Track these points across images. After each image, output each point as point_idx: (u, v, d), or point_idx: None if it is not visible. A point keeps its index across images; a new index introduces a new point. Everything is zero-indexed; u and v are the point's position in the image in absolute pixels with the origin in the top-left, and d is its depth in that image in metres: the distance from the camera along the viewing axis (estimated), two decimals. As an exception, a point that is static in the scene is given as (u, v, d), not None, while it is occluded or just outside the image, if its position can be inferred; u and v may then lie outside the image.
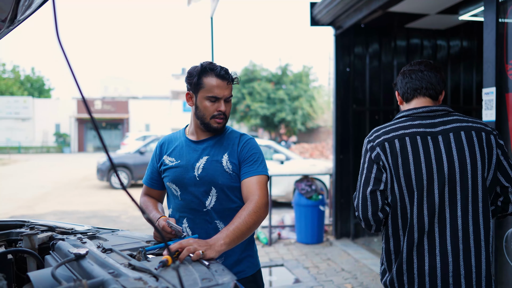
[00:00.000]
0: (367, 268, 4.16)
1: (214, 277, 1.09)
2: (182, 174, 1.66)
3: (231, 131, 1.72)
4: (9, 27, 1.48)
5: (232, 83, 1.65)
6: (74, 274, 1.22)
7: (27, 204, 8.78)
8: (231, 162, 1.63)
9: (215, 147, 1.66)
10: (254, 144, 1.69)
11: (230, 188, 1.63)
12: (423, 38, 5.58)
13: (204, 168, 1.62)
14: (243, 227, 1.47)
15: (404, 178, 1.47)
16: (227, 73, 1.62)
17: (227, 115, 1.65)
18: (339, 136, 5.31)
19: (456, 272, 1.43)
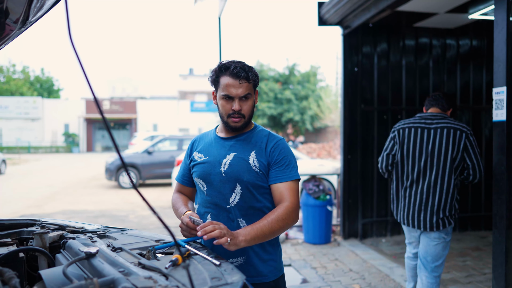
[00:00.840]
0: (375, 269, 4.13)
1: (224, 276, 1.10)
2: (209, 170, 1.67)
3: (260, 130, 1.71)
4: (20, 28, 1.50)
5: (248, 82, 1.61)
6: (85, 272, 1.24)
7: (37, 203, 8.88)
8: (258, 161, 1.61)
9: (242, 144, 1.66)
10: (285, 146, 1.66)
11: (255, 186, 1.61)
12: (432, 37, 5.54)
13: (231, 164, 1.62)
14: (267, 230, 1.49)
15: (405, 150, 2.82)
16: (241, 71, 1.59)
17: (244, 114, 1.62)
18: (347, 136, 5.28)
19: (426, 203, 2.72)
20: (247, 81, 1.60)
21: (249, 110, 1.64)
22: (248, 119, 1.65)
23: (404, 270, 4.05)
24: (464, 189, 5.60)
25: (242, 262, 1.62)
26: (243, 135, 1.68)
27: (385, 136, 5.37)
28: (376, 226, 5.38)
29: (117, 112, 32.27)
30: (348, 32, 5.20)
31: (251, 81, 1.61)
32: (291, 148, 1.70)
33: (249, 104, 1.63)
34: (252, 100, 1.64)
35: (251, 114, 1.65)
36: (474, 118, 5.66)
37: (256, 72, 1.66)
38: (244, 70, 1.60)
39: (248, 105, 1.62)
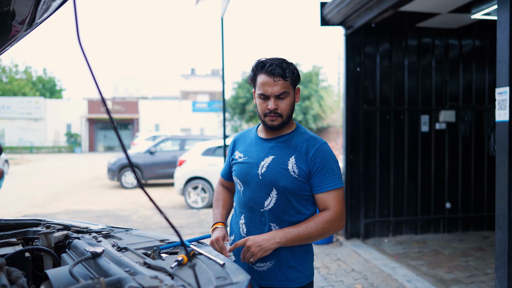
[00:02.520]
0: (378, 269, 4.14)
1: (229, 275, 1.11)
2: (246, 170, 1.64)
3: (302, 132, 1.64)
4: (27, 30, 1.51)
5: (284, 79, 1.54)
6: (91, 272, 1.25)
7: (41, 203, 8.92)
8: (297, 166, 1.55)
9: (283, 147, 1.60)
10: (327, 152, 1.58)
11: (292, 193, 1.56)
12: (435, 37, 5.53)
13: (268, 168, 1.58)
14: (304, 235, 1.49)
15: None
16: (276, 68, 1.53)
17: (281, 113, 1.57)
18: (350, 136, 5.29)
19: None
20: (283, 78, 1.54)
21: (287, 109, 1.58)
22: (286, 118, 1.59)
23: (407, 270, 4.05)
24: (467, 189, 5.59)
25: (270, 266, 1.59)
26: (283, 137, 1.62)
27: (388, 136, 5.38)
28: (378, 226, 5.38)
29: (119, 112, 32.33)
30: (351, 32, 5.20)
31: (287, 79, 1.55)
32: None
33: (287, 103, 1.57)
34: (290, 99, 1.58)
35: (290, 113, 1.59)
36: (476, 118, 5.65)
37: (296, 69, 1.59)
38: (281, 67, 1.54)
39: (285, 103, 1.56)
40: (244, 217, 1.66)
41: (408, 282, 3.73)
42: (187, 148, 11.77)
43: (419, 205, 5.49)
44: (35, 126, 31.71)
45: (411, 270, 4.07)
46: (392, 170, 5.42)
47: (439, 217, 5.52)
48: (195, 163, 8.52)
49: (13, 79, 33.16)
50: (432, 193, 5.52)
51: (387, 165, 5.41)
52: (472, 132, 5.64)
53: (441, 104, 5.54)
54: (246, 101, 24.79)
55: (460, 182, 5.58)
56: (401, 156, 5.45)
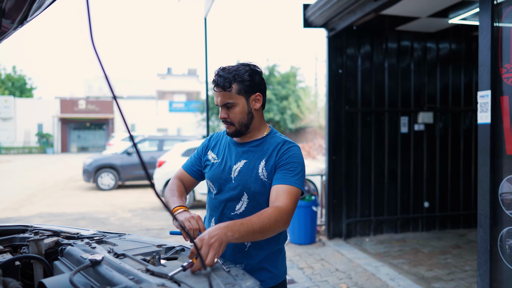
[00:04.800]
0: (361, 268, 4.20)
1: (236, 281, 1.09)
2: (219, 174, 1.63)
3: (274, 136, 1.63)
4: (16, 27, 1.45)
5: (224, 90, 1.52)
6: (91, 280, 1.20)
7: (12, 206, 8.59)
8: (266, 170, 1.55)
9: (255, 151, 1.60)
10: (296, 153, 1.56)
11: (263, 196, 1.56)
12: (414, 40, 5.67)
13: (240, 172, 1.58)
14: (257, 226, 1.35)
15: None
16: (217, 79, 1.54)
17: (233, 121, 1.57)
18: (332, 137, 5.34)
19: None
20: (223, 89, 1.53)
21: (237, 118, 1.56)
22: (240, 126, 1.58)
23: (390, 269, 4.13)
24: (444, 189, 5.76)
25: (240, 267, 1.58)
26: (256, 141, 1.63)
27: (369, 137, 5.47)
28: (360, 226, 5.47)
29: (93, 112, 31.57)
30: (333, 34, 5.26)
31: (229, 89, 1.52)
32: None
33: (235, 112, 1.55)
34: (239, 107, 1.55)
35: (243, 121, 1.57)
36: (453, 119, 5.83)
37: (251, 75, 1.55)
38: (222, 78, 1.53)
39: (233, 113, 1.55)
40: (214, 220, 1.65)
41: (391, 281, 3.80)
42: (165, 149, 11.61)
43: (399, 204, 5.61)
44: (4, 126, 30.53)
45: (393, 269, 4.15)
46: (373, 171, 5.51)
47: (418, 216, 5.66)
48: (175, 164, 8.41)
49: (-19, 77, 31.83)
50: (411, 193, 5.65)
51: (368, 166, 5.50)
52: (448, 133, 5.81)
53: (419, 105, 5.69)
54: (224, 101, 24.67)
55: (438, 182, 5.74)
56: (382, 156, 5.55)
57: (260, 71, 1.62)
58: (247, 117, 1.58)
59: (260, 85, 1.60)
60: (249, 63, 1.61)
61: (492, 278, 2.67)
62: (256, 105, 1.59)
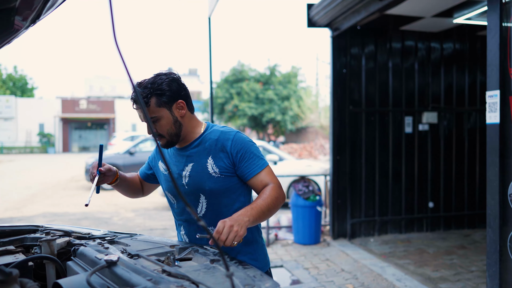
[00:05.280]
0: (367, 268, 4.19)
1: (255, 282, 1.08)
2: (172, 183, 1.63)
3: (212, 131, 1.62)
4: (28, 26, 1.44)
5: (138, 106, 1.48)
6: (107, 281, 1.19)
7: (15, 206, 8.59)
8: (217, 165, 1.55)
9: (198, 151, 1.59)
10: (243, 139, 1.58)
11: (220, 192, 1.57)
12: (418, 40, 5.66)
13: (190, 176, 1.58)
14: (265, 208, 1.46)
15: None
16: (134, 95, 1.49)
17: (162, 134, 1.55)
18: (336, 137, 5.33)
19: None
20: (139, 105, 1.48)
21: (165, 130, 1.54)
22: (171, 137, 1.57)
23: (396, 270, 4.12)
24: (448, 189, 5.75)
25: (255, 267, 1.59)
26: (196, 142, 1.61)
27: (373, 137, 5.46)
28: (364, 226, 5.46)
29: (94, 112, 31.59)
30: (337, 34, 5.25)
31: (147, 104, 1.50)
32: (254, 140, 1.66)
33: (162, 124, 1.53)
34: (164, 120, 1.53)
35: (173, 131, 1.56)
36: (457, 120, 5.82)
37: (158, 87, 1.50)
38: (133, 97, 1.50)
39: (160, 126, 1.54)
40: (183, 227, 1.68)
41: (398, 281, 3.79)
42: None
43: (403, 204, 5.60)
44: (5, 126, 30.55)
45: (399, 269, 4.13)
46: (377, 171, 5.50)
47: (423, 216, 5.65)
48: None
49: (-18, 76, 31.85)
50: (416, 193, 5.64)
51: (372, 166, 5.49)
52: (453, 133, 5.80)
53: (424, 105, 5.67)
54: (225, 101, 24.69)
55: (442, 182, 5.73)
56: (386, 156, 5.54)
57: (177, 77, 1.58)
58: (175, 126, 1.56)
59: (180, 92, 1.56)
60: (164, 72, 1.58)
61: (502, 279, 2.66)
62: (181, 113, 1.56)
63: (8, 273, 1.01)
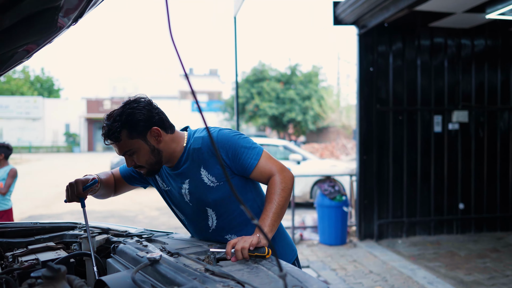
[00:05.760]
0: (397, 271, 4.10)
1: (302, 283, 1.05)
2: (176, 201, 1.59)
3: (194, 141, 1.52)
4: (69, 26, 1.45)
5: (116, 141, 1.42)
6: (149, 279, 1.19)
7: (44, 203, 8.83)
8: (212, 174, 1.48)
9: (189, 167, 1.51)
10: (226, 136, 1.48)
11: (224, 200, 1.50)
12: (447, 37, 5.50)
13: (191, 193, 1.52)
14: (278, 209, 1.42)
15: None
16: (104, 131, 1.43)
17: (141, 164, 1.47)
18: (363, 137, 5.24)
19: None
20: (114, 141, 1.42)
21: (144, 160, 1.46)
22: (151, 166, 1.48)
23: (427, 272, 4.01)
24: (480, 190, 5.57)
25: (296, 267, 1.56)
26: (182, 158, 1.52)
27: (401, 137, 5.35)
28: (392, 227, 5.35)
29: (118, 112, 32.16)
30: (364, 32, 5.16)
31: (119, 139, 1.41)
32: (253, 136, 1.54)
33: (139, 156, 1.45)
34: (140, 151, 1.44)
35: (151, 160, 1.47)
36: (489, 118, 5.63)
37: (126, 119, 1.40)
38: (106, 128, 1.42)
39: (137, 157, 1.45)
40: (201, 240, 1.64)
41: (430, 285, 3.69)
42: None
43: (432, 205, 5.46)
44: (33, 126, 31.51)
45: (430, 272, 4.03)
46: (405, 171, 5.38)
47: (452, 218, 5.49)
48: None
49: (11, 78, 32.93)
50: (445, 194, 5.49)
51: (400, 166, 5.37)
52: (484, 133, 5.61)
53: (453, 104, 5.51)
54: (246, 101, 24.72)
55: (473, 183, 5.55)
56: (414, 156, 5.41)
57: (144, 102, 1.46)
58: (153, 155, 1.46)
59: (152, 118, 1.44)
60: (132, 99, 1.47)
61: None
62: (158, 140, 1.46)
63: (57, 270, 1.01)
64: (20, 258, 1.44)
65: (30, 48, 1.37)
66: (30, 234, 1.67)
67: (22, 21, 1.16)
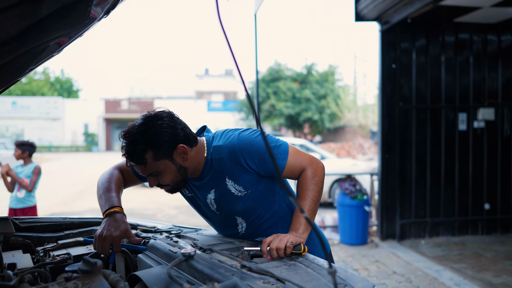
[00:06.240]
0: (421, 272, 3.99)
1: (346, 281, 1.01)
2: (200, 209, 1.53)
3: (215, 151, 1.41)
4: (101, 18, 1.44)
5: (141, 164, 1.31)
6: (184, 274, 1.16)
7: (64, 201, 8.96)
8: (239, 184, 1.40)
9: (213, 177, 1.42)
10: (248, 143, 1.37)
11: (254, 207, 1.44)
12: (473, 32, 5.35)
13: (217, 203, 1.45)
14: (312, 204, 1.38)
15: None
16: (126, 153, 1.31)
17: (165, 183, 1.38)
18: (385, 135, 5.14)
19: None
20: (138, 164, 1.31)
21: (169, 180, 1.37)
22: (177, 184, 1.39)
23: (453, 274, 3.90)
24: (506, 190, 5.40)
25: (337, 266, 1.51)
26: (206, 168, 1.42)
27: (424, 135, 5.22)
28: (414, 227, 5.23)
29: (135, 112, 32.53)
30: (387, 28, 5.06)
31: (143, 163, 1.30)
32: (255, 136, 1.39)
33: (164, 177, 1.35)
34: (166, 171, 1.34)
35: (177, 179, 1.38)
36: (516, 116, 5.45)
37: (151, 139, 1.28)
38: (129, 151, 1.30)
39: (162, 178, 1.36)
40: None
41: (457, 286, 3.58)
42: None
43: (457, 205, 5.32)
44: (53, 126, 32.15)
45: (456, 273, 3.91)
46: (428, 170, 5.26)
47: (478, 219, 5.34)
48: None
49: (32, 79, 33.69)
50: (470, 194, 5.34)
51: (423, 164, 5.25)
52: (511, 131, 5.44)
53: (479, 101, 5.36)
54: (262, 100, 24.67)
55: (500, 182, 5.39)
56: (438, 155, 5.28)
57: (168, 118, 1.35)
58: (180, 174, 1.37)
59: (178, 135, 1.33)
60: (151, 115, 1.35)
61: None
62: (184, 157, 1.36)
63: (94, 264, 0.99)
64: (52, 252, 1.43)
65: (62, 41, 1.36)
66: (60, 229, 1.67)
67: (56, 11, 1.14)
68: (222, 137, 1.43)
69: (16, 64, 1.31)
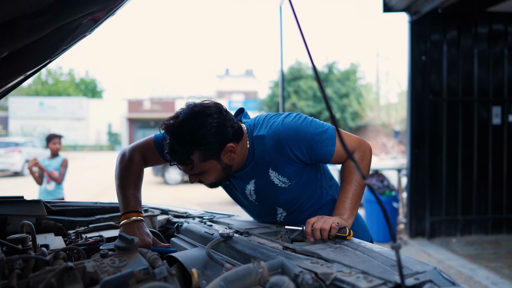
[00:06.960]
0: (455, 270, 3.83)
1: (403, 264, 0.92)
2: (238, 197, 1.45)
3: (254, 140, 1.31)
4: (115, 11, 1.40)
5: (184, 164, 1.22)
6: (221, 256, 1.11)
7: (90, 198, 9.11)
8: (283, 175, 1.32)
9: (254, 167, 1.32)
10: (294, 131, 1.26)
11: (296, 197, 1.37)
12: (508, 23, 5.12)
13: (257, 193, 1.36)
14: (358, 189, 1.31)
15: None
16: (170, 153, 1.21)
17: (209, 181, 1.30)
18: (414, 129, 4.98)
19: None
20: (182, 165, 1.23)
21: (214, 178, 1.29)
22: (219, 181, 1.33)
23: (489, 273, 3.73)
24: (544, 187, 5.15)
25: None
26: (248, 159, 1.33)
27: (455, 129, 5.04)
28: (445, 225, 5.04)
29: (157, 112, 32.97)
30: (416, 18, 4.90)
31: (190, 164, 1.21)
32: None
33: (209, 176, 1.27)
34: (211, 171, 1.25)
35: (221, 178, 1.30)
36: (554, 110, 5.19)
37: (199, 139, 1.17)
38: (173, 151, 1.20)
39: (207, 177, 1.28)
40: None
41: (495, 286, 3.41)
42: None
43: (490, 203, 5.10)
44: (78, 126, 32.90)
45: (492, 272, 3.74)
46: (460, 166, 5.06)
47: (513, 217, 5.11)
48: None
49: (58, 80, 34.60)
50: (505, 191, 5.11)
51: (454, 160, 5.06)
52: (549, 125, 5.18)
53: (514, 94, 5.13)
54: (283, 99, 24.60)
55: (536, 179, 5.14)
56: (470, 150, 5.08)
57: (216, 113, 1.22)
58: (224, 173, 1.29)
59: (227, 135, 1.22)
60: (198, 110, 1.22)
61: None
62: (232, 156, 1.26)
63: (131, 240, 0.94)
64: (84, 235, 1.40)
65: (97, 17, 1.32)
66: (91, 214, 1.64)
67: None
68: (264, 125, 1.32)
69: (50, 41, 1.28)
